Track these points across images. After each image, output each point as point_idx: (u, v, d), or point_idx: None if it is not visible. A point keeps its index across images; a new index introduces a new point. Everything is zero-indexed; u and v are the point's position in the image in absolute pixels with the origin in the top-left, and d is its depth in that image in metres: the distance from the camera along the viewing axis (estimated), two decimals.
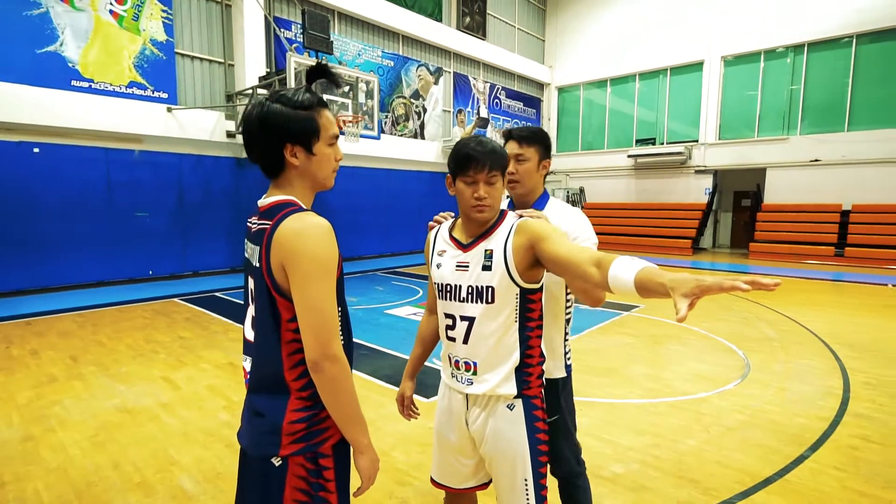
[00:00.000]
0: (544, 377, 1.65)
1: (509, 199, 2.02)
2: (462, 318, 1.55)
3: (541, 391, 1.60)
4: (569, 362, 1.93)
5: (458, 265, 1.56)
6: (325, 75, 1.30)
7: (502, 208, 1.60)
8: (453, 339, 1.58)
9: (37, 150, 8.20)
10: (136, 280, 9.48)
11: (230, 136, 10.36)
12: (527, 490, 1.53)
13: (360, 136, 10.27)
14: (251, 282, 1.29)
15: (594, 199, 19.31)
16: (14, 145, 7.99)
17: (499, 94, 18.19)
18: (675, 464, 2.96)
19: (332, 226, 1.19)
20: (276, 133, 1.20)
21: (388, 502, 2.58)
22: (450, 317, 1.59)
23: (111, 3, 8.77)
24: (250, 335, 1.31)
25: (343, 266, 1.28)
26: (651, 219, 17.08)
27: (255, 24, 10.53)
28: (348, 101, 10.01)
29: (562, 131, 20.49)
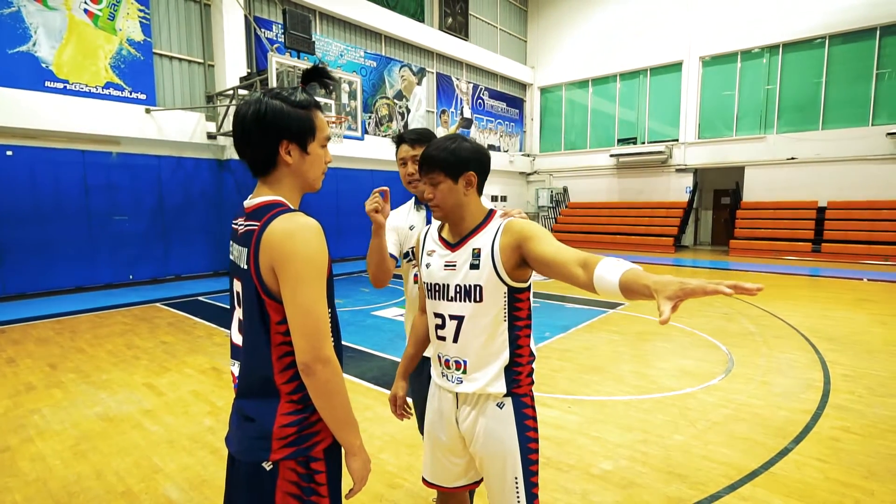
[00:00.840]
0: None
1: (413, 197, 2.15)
2: (451, 318, 1.55)
3: (531, 389, 1.61)
4: None
5: (446, 264, 1.56)
6: (322, 77, 1.30)
7: (490, 208, 1.61)
8: (443, 339, 1.58)
9: (10, 152, 7.99)
10: (115, 285, 9.29)
11: (211, 137, 10.22)
12: (517, 488, 1.53)
13: (344, 136, 10.21)
14: (238, 284, 1.26)
15: (577, 199, 19.47)
16: None
17: (482, 95, 18.24)
18: (663, 459, 3.00)
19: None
20: (273, 129, 1.19)
21: None
22: (439, 316, 1.59)
23: (86, 3, 8.59)
24: (238, 339, 1.28)
25: (332, 268, 1.26)
26: (633, 217, 17.27)
27: (235, 23, 10.40)
28: (331, 102, 9.94)
29: (545, 131, 20.64)
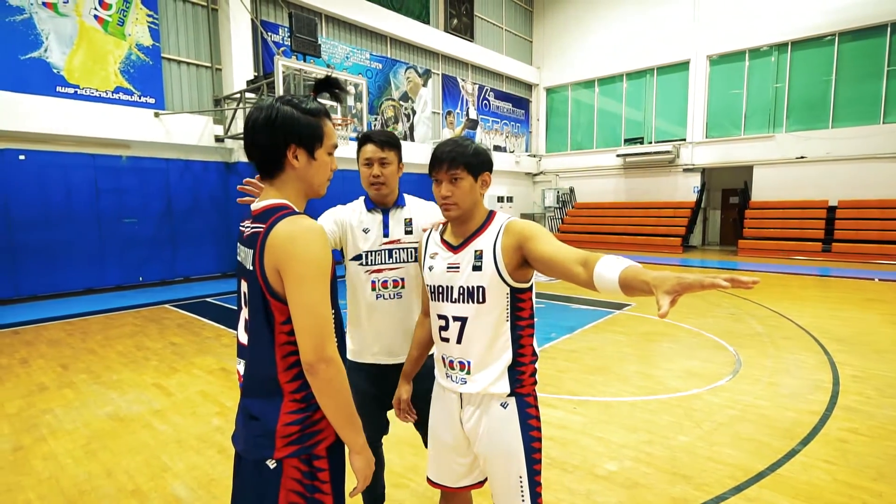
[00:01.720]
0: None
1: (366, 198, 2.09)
2: (455, 319, 1.57)
3: (534, 389, 1.62)
4: None
5: (448, 266, 1.58)
6: (334, 88, 1.34)
7: (490, 209, 1.62)
8: (447, 340, 1.60)
9: (22, 157, 8.11)
10: (125, 287, 9.39)
11: (218, 140, 10.31)
12: (521, 488, 1.54)
13: (350, 138, 10.26)
14: (244, 285, 1.29)
15: (584, 199, 19.41)
16: None
17: (487, 96, 18.25)
18: (668, 460, 2.99)
19: (324, 229, 1.21)
20: (282, 132, 1.23)
21: None
22: (442, 318, 1.60)
23: (96, 9, 8.70)
24: (244, 339, 1.31)
25: (335, 269, 1.29)
26: (641, 217, 17.18)
27: (241, 27, 10.49)
28: (337, 105, 9.99)
29: (551, 132, 20.60)
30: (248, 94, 9.77)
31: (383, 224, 2.02)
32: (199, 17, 10.31)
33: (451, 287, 1.57)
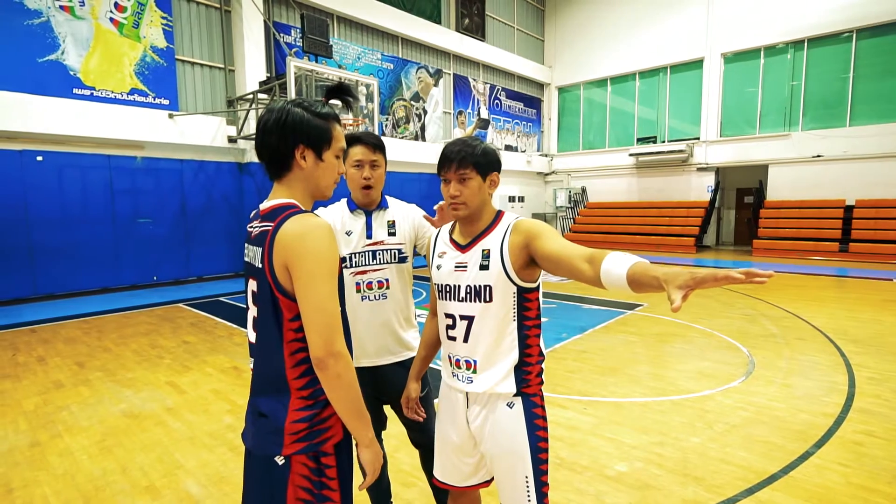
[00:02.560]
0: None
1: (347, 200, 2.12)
2: (462, 318, 1.57)
3: (540, 389, 1.62)
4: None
5: (456, 265, 1.59)
6: (345, 94, 1.36)
7: (499, 209, 1.62)
8: (454, 339, 1.60)
9: (40, 158, 8.26)
10: (140, 286, 9.52)
11: (232, 141, 10.41)
12: (528, 487, 1.54)
13: None
14: (253, 284, 1.31)
15: (596, 199, 19.30)
16: (17, 154, 8.05)
17: (499, 95, 18.21)
18: (680, 462, 2.96)
19: (332, 227, 1.22)
20: (292, 132, 1.26)
21: None
22: (450, 316, 1.61)
23: (111, 11, 8.83)
24: (253, 337, 1.33)
25: (341, 268, 1.30)
26: (654, 217, 17.05)
27: (254, 29, 10.58)
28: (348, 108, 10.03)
29: (562, 131, 20.51)
30: (260, 95, 9.85)
31: (367, 226, 2.03)
32: (213, 19, 10.42)
33: (458, 286, 1.57)
